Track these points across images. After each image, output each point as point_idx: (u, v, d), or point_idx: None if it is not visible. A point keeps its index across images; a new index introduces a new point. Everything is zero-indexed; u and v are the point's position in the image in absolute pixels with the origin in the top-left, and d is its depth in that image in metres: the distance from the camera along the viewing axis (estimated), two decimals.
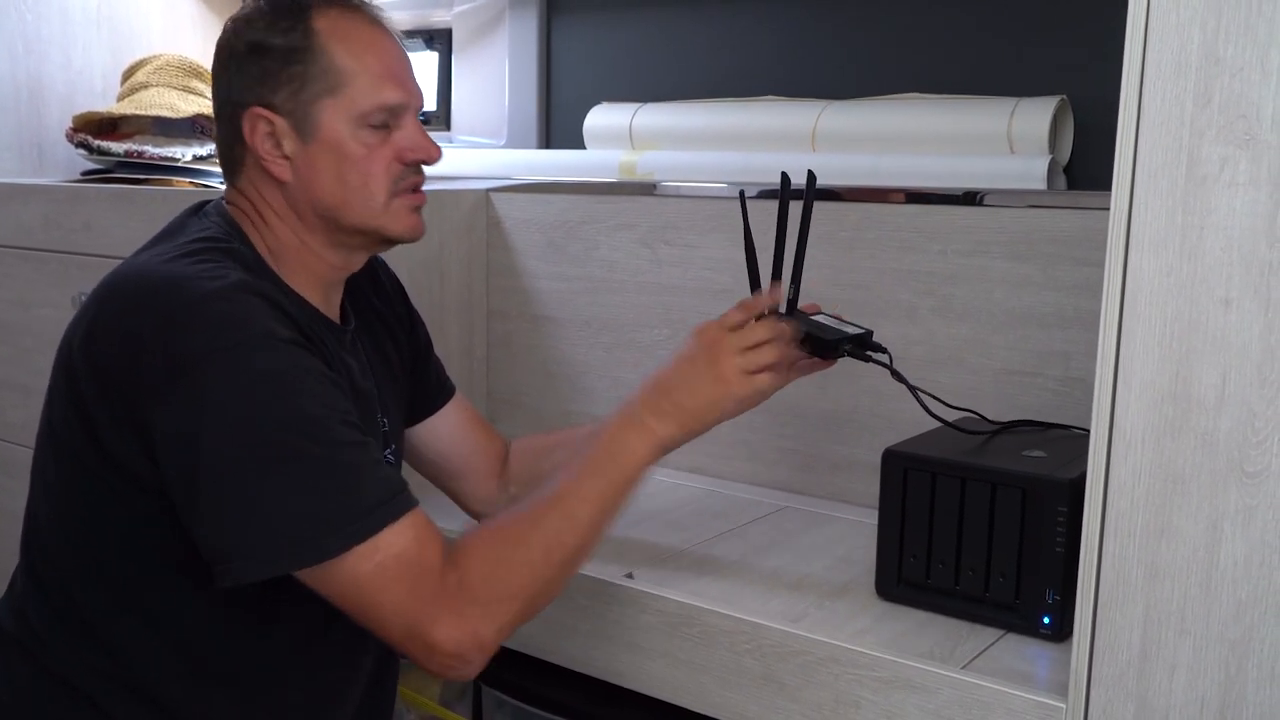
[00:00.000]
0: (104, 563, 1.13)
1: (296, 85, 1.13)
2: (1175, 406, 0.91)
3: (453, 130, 2.29)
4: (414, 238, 1.22)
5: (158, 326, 1.04)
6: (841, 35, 1.81)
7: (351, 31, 1.15)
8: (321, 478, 1.02)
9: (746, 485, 1.65)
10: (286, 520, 1.01)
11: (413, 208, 1.20)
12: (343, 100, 1.14)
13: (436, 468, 1.43)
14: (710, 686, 1.20)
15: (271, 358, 1.03)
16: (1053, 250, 1.39)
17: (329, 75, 1.14)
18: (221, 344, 1.02)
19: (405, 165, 1.18)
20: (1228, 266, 0.88)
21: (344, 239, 1.19)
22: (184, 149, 2.02)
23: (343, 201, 1.16)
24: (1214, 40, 0.86)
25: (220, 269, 1.08)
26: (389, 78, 1.16)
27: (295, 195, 1.16)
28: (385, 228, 1.19)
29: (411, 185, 1.20)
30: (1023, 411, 1.41)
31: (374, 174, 1.16)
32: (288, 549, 1.01)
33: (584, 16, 2.10)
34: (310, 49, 1.13)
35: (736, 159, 1.84)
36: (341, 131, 1.15)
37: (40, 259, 1.95)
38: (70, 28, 2.27)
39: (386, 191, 1.17)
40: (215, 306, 1.04)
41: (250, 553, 1.02)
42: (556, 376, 1.83)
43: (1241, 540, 0.90)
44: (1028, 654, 1.12)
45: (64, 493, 1.14)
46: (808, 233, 1.28)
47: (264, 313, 1.05)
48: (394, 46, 1.19)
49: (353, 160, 1.15)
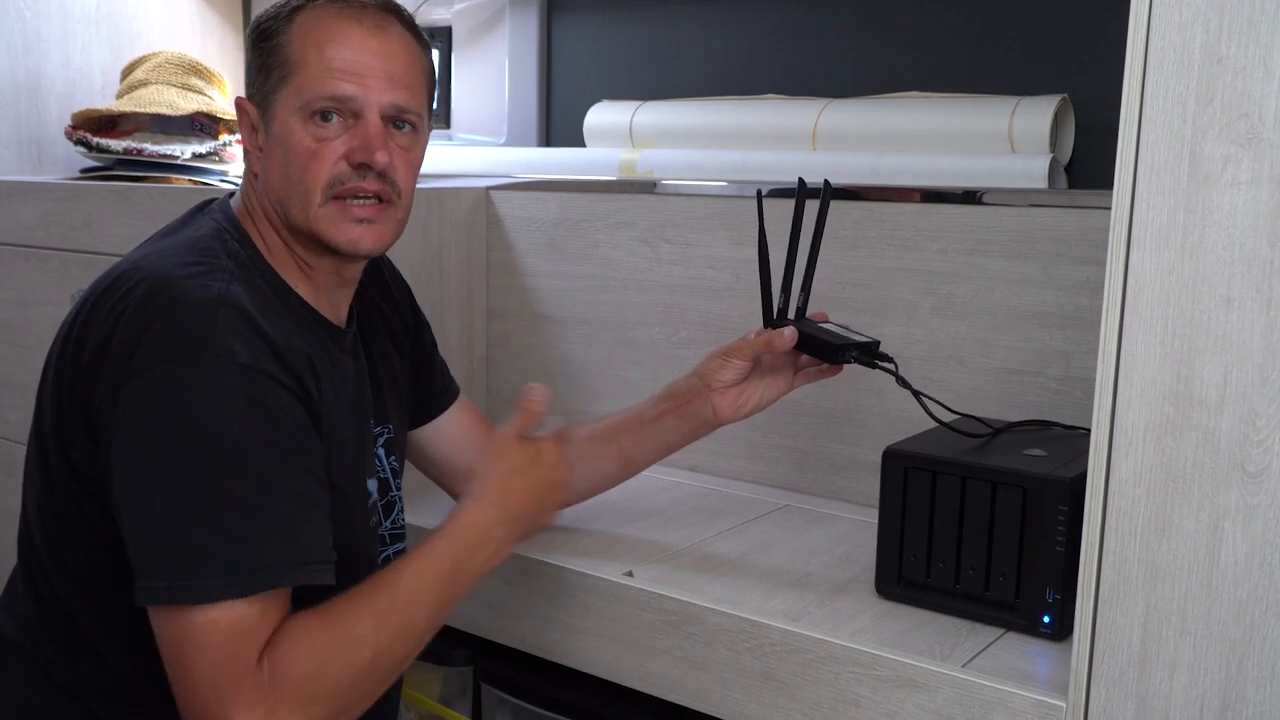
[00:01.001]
0: (88, 572, 1.12)
1: (263, 76, 1.13)
2: (1176, 405, 0.91)
3: (452, 128, 2.29)
4: (352, 250, 1.14)
5: (129, 326, 1.03)
6: (842, 33, 1.81)
7: (324, 24, 1.12)
8: (224, 513, 0.99)
9: (747, 483, 1.65)
10: (180, 551, 0.98)
11: (350, 218, 1.12)
12: (292, 89, 1.11)
13: (440, 468, 1.43)
14: (710, 685, 1.20)
15: (217, 380, 1.00)
16: (1054, 249, 1.39)
17: (285, 64, 1.12)
18: (172, 357, 1.00)
19: (352, 167, 1.11)
20: (1229, 265, 0.88)
21: (296, 239, 1.15)
22: (183, 146, 2.01)
23: (284, 196, 1.12)
24: (1216, 39, 0.86)
25: (210, 275, 1.07)
26: (346, 70, 1.10)
27: (261, 190, 1.15)
28: (322, 232, 1.12)
29: (353, 191, 1.12)
30: (1023, 410, 1.41)
31: (312, 171, 1.10)
32: (175, 584, 0.98)
33: (584, 14, 2.10)
34: (278, 38, 1.12)
35: (737, 157, 1.84)
36: (289, 121, 1.11)
37: (40, 257, 1.95)
38: (70, 25, 2.27)
39: (322, 192, 1.11)
40: (184, 317, 1.02)
41: (148, 577, 0.99)
42: (556, 375, 1.83)
43: (1242, 539, 0.90)
44: (1028, 653, 1.12)
45: (47, 499, 1.13)
46: (821, 240, 1.29)
47: (232, 330, 1.02)
48: (371, 42, 1.12)
49: (294, 153, 1.11)
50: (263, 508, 1.01)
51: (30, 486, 1.16)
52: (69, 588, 1.13)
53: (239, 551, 0.99)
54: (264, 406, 1.02)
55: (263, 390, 1.02)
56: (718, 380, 1.30)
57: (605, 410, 1.69)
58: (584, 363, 1.80)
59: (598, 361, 1.79)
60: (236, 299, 1.05)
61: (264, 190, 1.15)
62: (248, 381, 1.01)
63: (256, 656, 0.98)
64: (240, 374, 1.01)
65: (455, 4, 2.25)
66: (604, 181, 1.95)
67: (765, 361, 1.31)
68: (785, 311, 1.30)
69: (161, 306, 1.03)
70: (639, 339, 1.74)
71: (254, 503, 1.01)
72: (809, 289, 1.30)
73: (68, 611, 1.13)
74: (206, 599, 0.98)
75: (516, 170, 2.09)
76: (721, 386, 1.30)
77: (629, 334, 1.75)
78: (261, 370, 1.02)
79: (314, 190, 1.11)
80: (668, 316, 1.71)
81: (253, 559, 0.99)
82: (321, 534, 1.06)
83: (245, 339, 1.03)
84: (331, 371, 1.15)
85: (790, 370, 1.31)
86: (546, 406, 1.21)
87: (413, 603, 1.05)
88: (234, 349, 1.01)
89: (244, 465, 1.00)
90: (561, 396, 1.83)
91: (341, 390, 1.17)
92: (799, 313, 1.30)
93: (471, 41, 2.24)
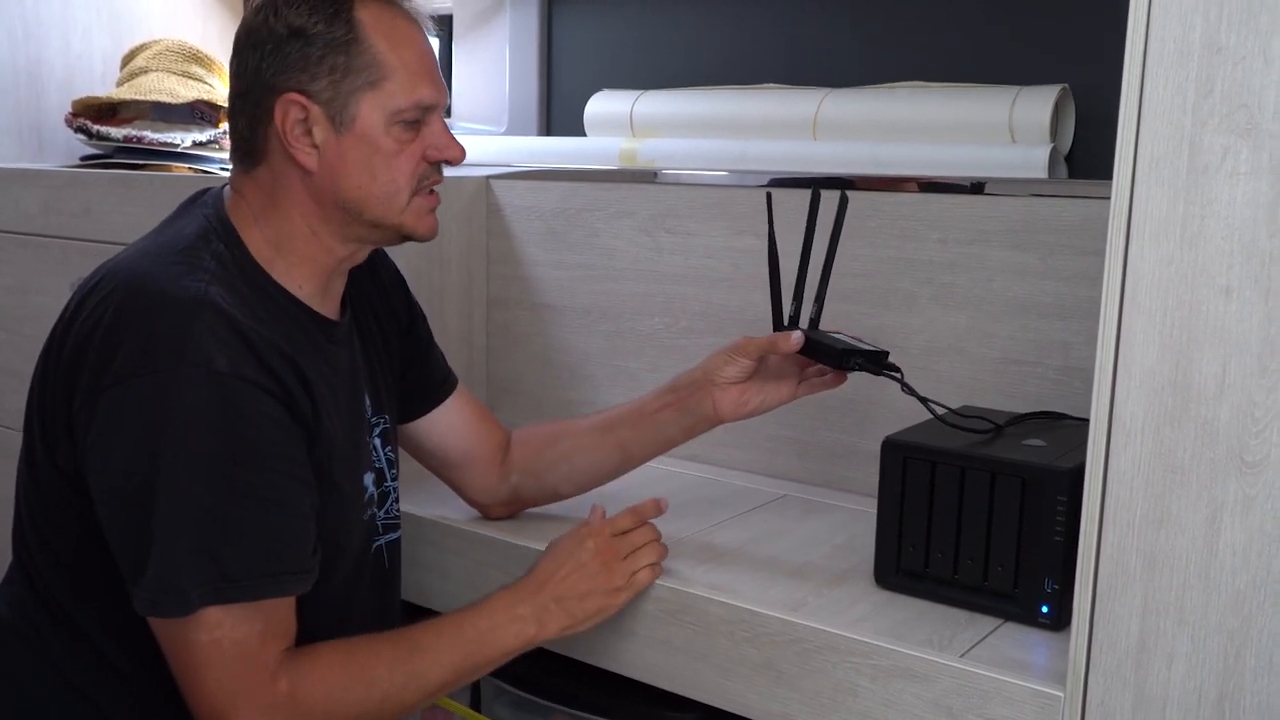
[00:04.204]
0: (78, 564, 1.13)
1: (338, 75, 1.12)
2: (1175, 396, 0.91)
3: (453, 117, 2.29)
4: (430, 236, 1.22)
5: (108, 330, 1.04)
6: (843, 23, 1.80)
7: (394, 26, 1.15)
8: (205, 524, 1.02)
9: (746, 473, 1.65)
10: (160, 563, 1.01)
11: (430, 208, 1.21)
12: (381, 94, 1.13)
13: (437, 459, 1.42)
14: (709, 674, 1.20)
15: (195, 391, 1.01)
16: (1053, 239, 1.38)
17: (371, 69, 1.13)
18: (150, 367, 1.02)
19: (430, 164, 1.19)
20: (1228, 256, 0.88)
21: (360, 232, 1.18)
22: (183, 134, 2.01)
23: (368, 195, 1.16)
24: (1216, 29, 0.86)
25: (190, 275, 1.07)
26: (426, 76, 1.16)
27: (319, 185, 1.15)
28: (405, 225, 1.19)
29: (432, 185, 1.20)
30: (1023, 401, 1.41)
31: (401, 170, 1.16)
32: (159, 598, 1.01)
33: (585, 3, 2.09)
34: (354, 40, 1.12)
35: (737, 147, 1.84)
36: (377, 125, 1.14)
37: (39, 244, 1.95)
38: (70, 12, 2.27)
39: (410, 189, 1.17)
40: (162, 323, 1.03)
41: (141, 586, 1.02)
42: (556, 364, 1.83)
43: (1240, 530, 0.90)
44: (1026, 643, 1.12)
45: (34, 491, 1.14)
46: (835, 252, 1.29)
47: (211, 335, 1.03)
48: (428, 43, 1.19)
49: (384, 155, 1.15)
50: (244, 518, 1.03)
51: (20, 477, 1.17)
52: (60, 579, 1.14)
53: (215, 563, 1.01)
54: (243, 414, 1.04)
55: (242, 397, 1.04)
56: (721, 376, 1.30)
57: (605, 400, 1.69)
58: (584, 352, 1.80)
59: (598, 351, 1.79)
60: (216, 300, 1.06)
61: (329, 185, 1.15)
62: (227, 390, 1.03)
63: (268, 665, 1.03)
64: (219, 383, 1.02)
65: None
66: (604, 171, 1.95)
67: (771, 364, 1.30)
68: (797, 319, 1.30)
69: (140, 311, 1.04)
70: (639, 329, 1.74)
71: (235, 514, 1.03)
72: (823, 299, 1.30)
73: (61, 603, 1.14)
74: (188, 610, 1.01)
75: (517, 159, 2.08)
76: (725, 382, 1.30)
77: (629, 324, 1.75)
78: (241, 376, 1.04)
79: (404, 188, 1.17)
80: (668, 306, 1.71)
81: (228, 570, 1.02)
82: (301, 541, 1.09)
83: (224, 343, 1.04)
84: (323, 369, 1.16)
85: (795, 379, 1.31)
86: (654, 515, 1.27)
87: (427, 657, 1.11)
88: (212, 356, 1.02)
89: (223, 476, 1.02)
90: (561, 386, 1.83)
91: (334, 386, 1.17)
92: (811, 322, 1.30)
93: (472, 30, 2.24)
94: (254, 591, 1.03)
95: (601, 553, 1.21)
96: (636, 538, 1.24)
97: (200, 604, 1.01)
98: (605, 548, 1.22)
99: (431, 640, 1.13)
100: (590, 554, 1.21)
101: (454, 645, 1.13)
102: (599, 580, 1.20)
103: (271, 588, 1.04)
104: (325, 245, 1.18)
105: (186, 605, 1.01)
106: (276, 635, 1.05)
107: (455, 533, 1.41)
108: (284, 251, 1.17)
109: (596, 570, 1.20)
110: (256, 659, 1.03)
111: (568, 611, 1.19)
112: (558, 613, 1.18)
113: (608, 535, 1.23)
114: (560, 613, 1.18)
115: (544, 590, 1.19)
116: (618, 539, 1.23)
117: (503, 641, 1.16)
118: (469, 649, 1.14)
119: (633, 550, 1.23)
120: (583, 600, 1.19)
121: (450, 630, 1.15)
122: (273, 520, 1.05)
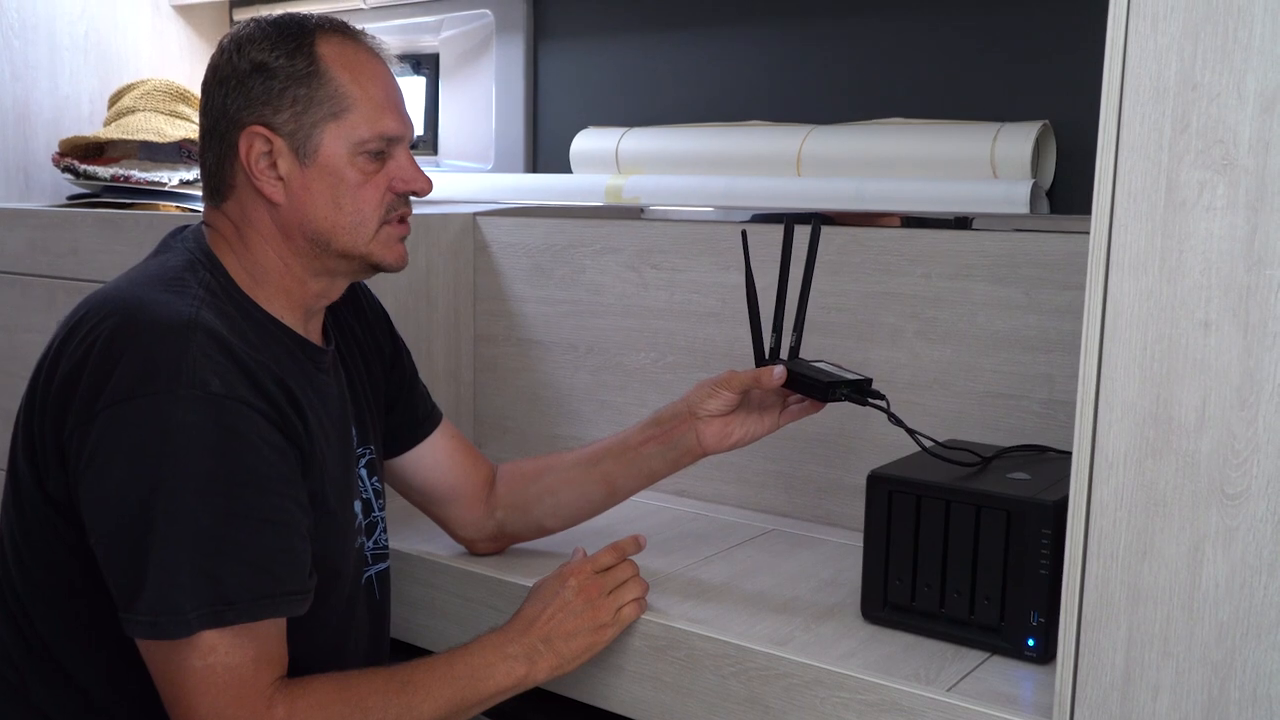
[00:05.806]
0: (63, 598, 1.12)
1: (300, 107, 1.14)
2: (1156, 428, 0.92)
3: (440, 155, 2.30)
4: (399, 266, 1.23)
5: (101, 357, 1.04)
6: (826, 60, 1.82)
7: (356, 59, 1.17)
8: (202, 547, 1.02)
9: (733, 508, 1.65)
10: (157, 585, 1.01)
11: (399, 237, 1.22)
12: (344, 125, 1.15)
13: (423, 494, 1.42)
14: (696, 710, 1.20)
15: (190, 413, 1.02)
16: (1036, 273, 1.39)
17: (334, 100, 1.14)
18: (145, 390, 1.02)
19: (397, 195, 1.19)
20: (1207, 289, 0.89)
21: (330, 264, 1.19)
22: (170, 174, 2.02)
23: (334, 226, 1.16)
24: (1191, 66, 0.87)
25: (180, 299, 1.08)
26: (390, 107, 1.18)
27: (286, 217, 1.16)
28: (373, 254, 1.19)
29: (400, 215, 1.21)
30: (1007, 434, 1.42)
31: (367, 201, 1.17)
32: (156, 620, 1.01)
33: (570, 42, 2.11)
34: (316, 73, 1.14)
35: (722, 183, 1.85)
36: (340, 157, 1.15)
37: (26, 284, 1.95)
38: (58, 53, 2.28)
39: (377, 219, 1.18)
40: (155, 347, 1.03)
41: (137, 610, 1.02)
42: (543, 400, 1.83)
43: (1223, 561, 0.90)
44: (1013, 676, 1.12)
45: (20, 525, 1.14)
46: (811, 280, 1.30)
47: (204, 358, 1.04)
48: (392, 77, 1.21)
49: (349, 186, 1.16)
50: (241, 540, 1.03)
51: (5, 515, 1.16)
52: (47, 617, 1.13)
53: (214, 584, 1.01)
54: (239, 436, 1.04)
55: (237, 418, 1.04)
56: (704, 409, 1.30)
57: (592, 435, 1.69)
58: (570, 387, 1.80)
59: (584, 386, 1.79)
60: (208, 323, 1.06)
61: (296, 217, 1.16)
62: (222, 412, 1.03)
63: (263, 691, 1.02)
64: (214, 405, 1.03)
65: (442, 31, 2.26)
66: (590, 207, 1.95)
67: (754, 398, 1.31)
68: (777, 351, 1.31)
69: (132, 336, 1.04)
70: (626, 364, 1.74)
71: (233, 534, 1.02)
72: (801, 329, 1.31)
73: (42, 637, 1.13)
74: (187, 632, 1.00)
75: (503, 196, 2.09)
76: (708, 415, 1.30)
77: (615, 359, 1.75)
78: (235, 397, 1.04)
79: (370, 219, 1.18)
80: (654, 341, 1.71)
81: (226, 591, 1.01)
82: (298, 562, 1.08)
83: (217, 366, 1.04)
84: (312, 395, 1.16)
85: (777, 409, 1.32)
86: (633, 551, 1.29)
87: (419, 692, 1.11)
88: (206, 379, 1.03)
89: (220, 497, 1.02)
90: (548, 421, 1.83)
91: (324, 412, 1.18)
92: (791, 352, 1.31)
93: (458, 69, 2.25)
94: (252, 612, 1.03)
95: (585, 590, 1.21)
96: (619, 573, 1.25)
97: (199, 626, 1.00)
98: (588, 585, 1.22)
99: (424, 676, 1.13)
100: (574, 592, 1.21)
101: (446, 681, 1.13)
102: (584, 618, 1.20)
103: (269, 608, 1.04)
104: (298, 278, 1.19)
105: (186, 626, 1.00)
106: (269, 662, 1.05)
107: (442, 569, 1.41)
108: (262, 282, 1.18)
109: (581, 608, 1.20)
110: (251, 685, 1.03)
111: (556, 652, 1.19)
112: (546, 653, 1.18)
113: (589, 572, 1.23)
114: (549, 653, 1.18)
115: (531, 631, 1.19)
116: (600, 576, 1.23)
117: (494, 680, 1.16)
118: (460, 685, 1.14)
119: (616, 586, 1.23)
120: (570, 639, 1.19)
121: (442, 667, 1.15)
122: (270, 540, 1.05)
